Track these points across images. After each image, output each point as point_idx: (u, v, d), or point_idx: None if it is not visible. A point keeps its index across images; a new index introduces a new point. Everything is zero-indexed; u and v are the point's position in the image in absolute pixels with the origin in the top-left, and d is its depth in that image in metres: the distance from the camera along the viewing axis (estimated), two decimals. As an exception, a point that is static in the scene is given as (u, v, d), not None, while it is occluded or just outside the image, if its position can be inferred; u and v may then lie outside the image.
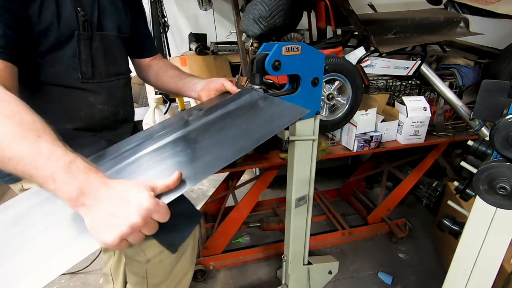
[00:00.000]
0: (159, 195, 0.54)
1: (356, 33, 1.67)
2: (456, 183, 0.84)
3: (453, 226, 0.84)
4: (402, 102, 1.48)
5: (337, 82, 1.25)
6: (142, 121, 1.61)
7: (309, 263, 1.24)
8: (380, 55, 1.41)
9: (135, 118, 1.10)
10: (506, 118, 0.62)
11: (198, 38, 2.57)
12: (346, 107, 1.29)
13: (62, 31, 0.75)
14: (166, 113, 1.71)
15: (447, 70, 1.63)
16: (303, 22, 1.61)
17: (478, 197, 0.72)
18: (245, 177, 2.53)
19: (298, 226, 1.11)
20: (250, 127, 0.71)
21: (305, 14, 1.62)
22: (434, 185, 2.05)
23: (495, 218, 0.73)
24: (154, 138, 0.75)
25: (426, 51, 1.55)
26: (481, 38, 1.66)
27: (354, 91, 1.27)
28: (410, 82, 1.75)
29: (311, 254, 1.23)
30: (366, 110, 1.40)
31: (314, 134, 0.98)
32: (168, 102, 1.71)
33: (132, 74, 1.05)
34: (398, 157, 2.03)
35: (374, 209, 1.98)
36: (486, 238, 0.75)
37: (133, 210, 0.49)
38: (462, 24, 1.56)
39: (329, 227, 2.06)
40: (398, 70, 1.47)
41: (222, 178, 2.01)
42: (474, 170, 0.73)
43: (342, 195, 2.38)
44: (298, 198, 1.05)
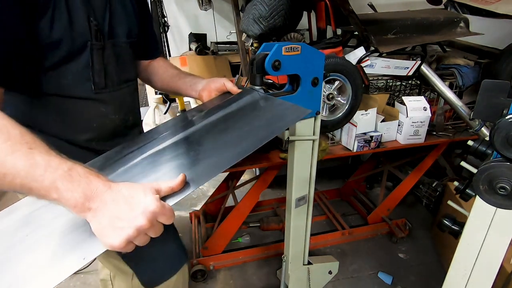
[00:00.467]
0: (164, 197, 0.54)
1: (356, 33, 1.67)
2: (456, 183, 0.84)
3: (453, 226, 0.84)
4: (402, 102, 1.48)
5: (337, 82, 1.25)
6: (142, 121, 1.61)
7: (309, 263, 1.24)
8: (380, 55, 1.41)
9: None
10: (506, 118, 0.62)
11: (198, 38, 2.57)
12: (346, 107, 1.29)
13: (75, 43, 0.72)
14: (166, 113, 1.71)
15: (447, 70, 1.63)
16: (303, 22, 1.61)
17: (478, 197, 0.72)
18: (245, 177, 2.53)
19: (298, 226, 1.11)
20: (252, 129, 0.71)
21: (305, 14, 1.62)
22: (434, 185, 2.05)
23: (495, 218, 0.73)
24: (157, 140, 0.75)
25: (426, 51, 1.55)
26: (481, 38, 1.66)
27: (354, 91, 1.27)
28: (410, 82, 1.75)
29: (311, 254, 1.23)
30: (366, 110, 1.40)
31: (314, 134, 0.98)
32: (168, 102, 1.71)
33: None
34: (398, 157, 2.03)
35: (374, 209, 1.98)
36: (486, 238, 0.75)
37: (139, 213, 0.50)
38: (462, 24, 1.56)
39: (329, 227, 2.06)
40: (398, 70, 1.47)
41: (222, 178, 2.01)
42: (474, 170, 0.73)
43: (342, 195, 2.38)
44: (298, 198, 1.05)
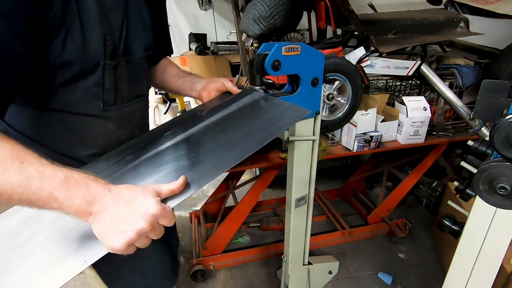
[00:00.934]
0: (164, 200, 0.54)
1: (356, 33, 1.66)
2: (456, 183, 0.84)
3: (453, 226, 0.84)
4: (402, 102, 1.48)
5: (337, 82, 1.25)
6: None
7: (309, 263, 1.24)
8: (380, 55, 1.41)
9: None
10: (506, 118, 0.62)
11: (198, 38, 2.57)
12: (346, 107, 1.29)
13: (87, 63, 0.69)
14: (166, 113, 1.72)
15: (447, 70, 1.63)
16: (303, 22, 1.61)
17: (478, 197, 0.72)
18: (245, 177, 2.53)
19: (298, 226, 1.11)
20: (252, 129, 0.71)
21: (305, 14, 1.61)
22: (434, 185, 2.05)
23: (495, 218, 0.73)
24: (156, 141, 0.74)
25: (426, 51, 1.55)
26: (481, 38, 1.66)
27: (354, 91, 1.27)
28: (410, 82, 1.75)
29: (311, 254, 1.23)
30: (366, 110, 1.40)
31: (314, 135, 0.98)
32: (168, 102, 1.71)
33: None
34: (398, 157, 2.03)
35: (374, 209, 1.98)
36: (486, 238, 0.75)
37: (140, 216, 0.50)
38: (462, 24, 1.56)
39: (329, 227, 2.06)
40: (398, 70, 1.47)
41: (222, 178, 2.01)
42: (474, 170, 0.73)
43: (342, 195, 2.38)
44: (298, 198, 1.05)
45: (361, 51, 1.35)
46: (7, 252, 0.53)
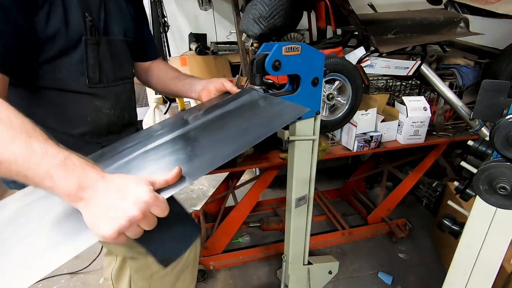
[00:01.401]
0: (159, 191, 0.54)
1: (356, 33, 1.67)
2: (456, 183, 0.84)
3: (453, 226, 0.84)
4: (402, 102, 1.48)
5: (337, 82, 1.25)
6: (142, 121, 1.62)
7: (309, 263, 1.24)
8: (380, 55, 1.41)
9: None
10: (506, 118, 0.62)
11: (198, 38, 2.57)
12: (346, 107, 1.29)
13: (69, 37, 0.73)
14: (166, 113, 1.72)
15: (447, 70, 1.63)
16: (303, 22, 1.61)
17: (478, 197, 0.72)
18: (245, 177, 2.53)
19: (298, 226, 1.11)
20: (250, 126, 0.71)
21: (305, 14, 1.62)
22: (434, 185, 2.05)
23: (495, 218, 0.73)
24: (153, 137, 0.75)
25: (426, 51, 1.55)
26: (481, 38, 1.66)
27: (354, 91, 1.27)
28: (410, 82, 1.75)
29: (311, 254, 1.23)
30: (366, 110, 1.40)
31: (314, 134, 0.98)
32: (168, 102, 1.71)
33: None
34: (398, 157, 2.03)
35: (374, 209, 1.98)
36: (486, 238, 0.75)
37: (131, 203, 0.49)
38: (462, 24, 1.56)
39: (329, 227, 2.06)
40: (398, 70, 1.47)
41: (222, 178, 2.01)
42: (474, 170, 0.73)
43: (342, 195, 2.38)
44: (298, 198, 1.05)
45: (361, 51, 1.35)
46: None
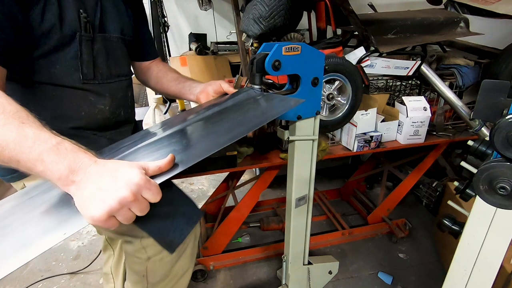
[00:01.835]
0: (152, 177, 0.54)
1: (356, 33, 1.67)
2: (456, 183, 0.84)
3: (453, 226, 0.84)
4: (402, 102, 1.48)
5: (337, 82, 1.25)
6: (142, 121, 1.62)
7: (309, 263, 1.24)
8: (380, 55, 1.41)
9: (135, 118, 1.10)
10: (506, 118, 0.62)
11: (198, 38, 2.57)
12: (346, 107, 1.29)
13: (64, 33, 0.74)
14: (166, 113, 1.72)
15: (447, 70, 1.63)
16: (303, 22, 1.61)
17: (478, 197, 0.72)
18: (245, 177, 2.53)
19: (298, 226, 1.11)
20: (245, 119, 0.72)
21: (305, 14, 1.62)
22: (434, 185, 2.05)
23: (495, 218, 0.73)
24: (151, 134, 0.76)
25: (426, 51, 1.55)
26: (481, 38, 1.66)
27: (354, 91, 1.27)
28: (410, 82, 1.75)
29: (311, 254, 1.23)
30: (366, 110, 1.40)
31: (314, 134, 0.98)
32: (168, 102, 1.71)
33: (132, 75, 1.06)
34: (398, 157, 2.03)
35: (374, 209, 1.98)
36: (486, 238, 0.75)
37: (122, 185, 0.49)
38: (462, 24, 1.56)
39: (329, 227, 2.06)
40: (398, 70, 1.47)
41: (222, 178, 2.02)
42: (474, 170, 0.73)
43: (342, 195, 2.38)
44: (298, 198, 1.05)
45: (361, 51, 1.35)
46: None
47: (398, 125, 1.51)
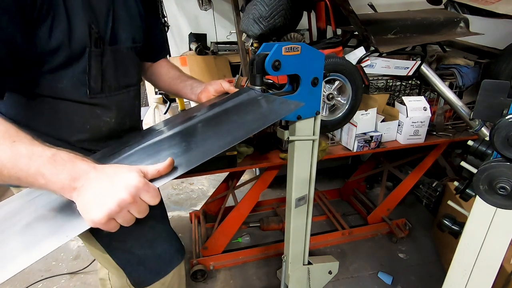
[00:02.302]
0: (151, 180, 0.55)
1: (356, 33, 1.66)
2: (456, 183, 0.84)
3: (453, 226, 0.84)
4: (402, 102, 1.48)
5: (337, 82, 1.25)
6: (142, 121, 1.61)
7: (309, 263, 1.24)
8: (380, 55, 1.41)
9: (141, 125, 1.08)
10: (506, 118, 0.62)
11: (198, 38, 2.57)
12: (346, 107, 1.29)
13: (73, 50, 0.71)
14: (166, 113, 1.72)
15: (447, 70, 1.63)
16: (303, 22, 1.61)
17: (478, 197, 0.72)
18: (245, 177, 2.53)
19: (298, 226, 1.11)
20: (244, 121, 0.72)
21: (305, 14, 1.62)
22: (434, 185, 2.05)
23: (495, 218, 0.72)
24: (151, 135, 0.76)
25: (426, 51, 1.55)
26: (481, 38, 1.66)
27: (354, 91, 1.27)
28: (410, 82, 1.75)
29: (311, 254, 1.23)
30: (366, 110, 1.40)
31: (314, 134, 0.98)
32: (168, 102, 1.71)
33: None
34: (398, 157, 2.03)
35: (374, 209, 1.98)
36: (486, 238, 0.75)
37: (121, 188, 0.50)
38: (462, 24, 1.55)
39: (329, 227, 2.06)
40: (398, 70, 1.47)
41: (222, 178, 2.02)
42: (474, 170, 0.73)
43: (342, 195, 2.38)
44: (298, 198, 1.05)
45: (361, 51, 1.35)
46: None
47: (398, 125, 1.51)
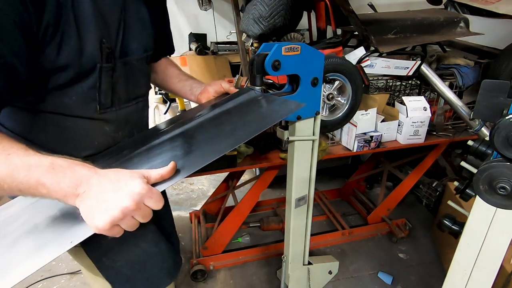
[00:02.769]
0: (154, 185, 0.55)
1: (356, 33, 1.67)
2: (456, 183, 0.84)
3: (453, 226, 0.84)
4: (402, 102, 1.48)
5: (337, 82, 1.25)
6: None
7: (309, 263, 1.24)
8: (380, 55, 1.41)
9: None
10: (506, 118, 0.62)
11: (198, 38, 2.57)
12: (346, 107, 1.29)
13: (83, 67, 0.67)
14: (166, 113, 1.72)
15: (447, 70, 1.63)
16: (303, 22, 1.61)
17: (478, 197, 0.72)
18: (245, 177, 2.53)
19: (298, 226, 1.11)
20: (245, 122, 0.72)
21: (305, 14, 1.61)
22: (434, 185, 2.05)
23: (495, 218, 0.72)
24: (153, 137, 0.75)
25: (426, 51, 1.55)
26: (481, 38, 1.66)
27: (354, 91, 1.27)
28: (410, 82, 1.75)
29: (311, 254, 1.23)
30: (366, 110, 1.40)
31: (314, 134, 0.97)
32: (168, 102, 1.71)
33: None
34: (398, 157, 2.03)
35: (374, 209, 1.98)
36: (486, 238, 0.75)
37: (124, 195, 0.50)
38: (462, 24, 1.55)
39: (329, 227, 2.06)
40: (398, 70, 1.47)
41: (222, 178, 2.02)
42: (474, 170, 0.73)
43: (342, 195, 2.38)
44: (298, 198, 1.05)
45: (361, 51, 1.35)
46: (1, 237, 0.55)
47: (398, 125, 1.51)
